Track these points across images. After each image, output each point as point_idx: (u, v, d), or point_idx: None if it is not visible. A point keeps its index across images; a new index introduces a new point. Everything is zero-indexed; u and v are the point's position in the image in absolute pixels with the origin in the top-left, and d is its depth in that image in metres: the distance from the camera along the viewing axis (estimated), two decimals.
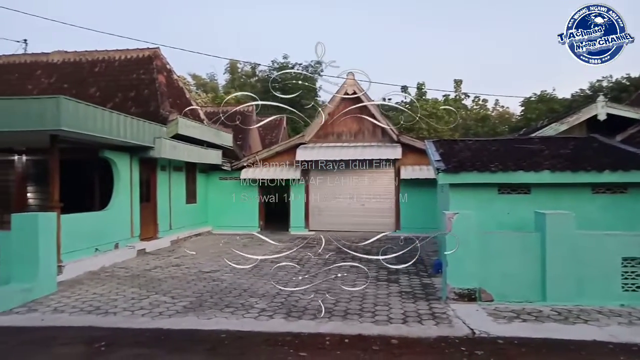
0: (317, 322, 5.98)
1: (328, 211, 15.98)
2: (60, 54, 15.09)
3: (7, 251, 7.60)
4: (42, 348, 5.24)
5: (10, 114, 7.91)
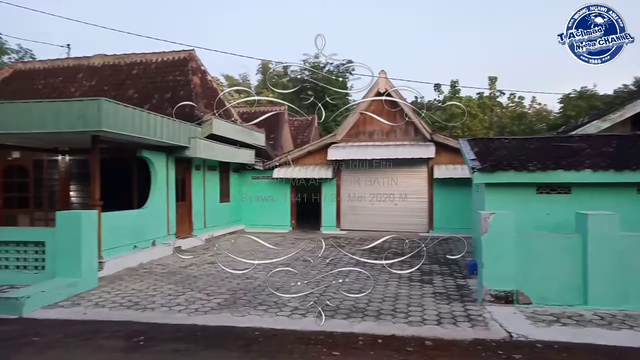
0: (349, 322, 5.98)
1: (360, 211, 15.93)
2: (101, 57, 15.64)
3: (52, 247, 7.95)
4: (86, 341, 5.45)
5: (56, 116, 8.26)
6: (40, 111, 8.33)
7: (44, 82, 15.36)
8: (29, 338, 5.53)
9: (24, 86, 15.27)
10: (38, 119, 8.30)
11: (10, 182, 13.22)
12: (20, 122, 8.38)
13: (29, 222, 12.88)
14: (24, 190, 13.16)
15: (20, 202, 13.18)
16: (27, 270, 8.25)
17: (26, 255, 8.28)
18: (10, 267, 8.30)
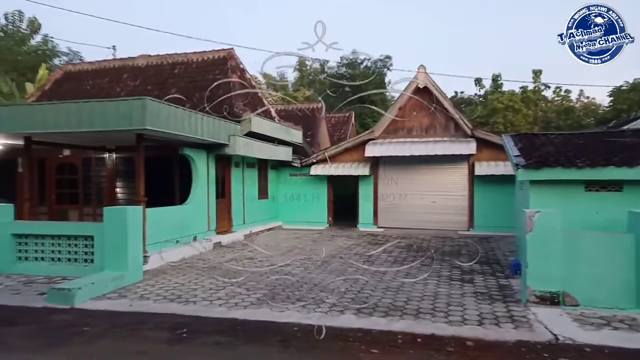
0: (388, 320, 5.93)
1: (397, 208, 15.75)
2: (145, 57, 16.16)
3: (101, 241, 8.31)
4: (132, 332, 5.66)
5: (104, 115, 8.61)
6: (89, 111, 8.71)
7: (92, 82, 16.03)
8: (80, 327, 5.80)
9: (73, 87, 16.00)
10: (87, 119, 8.68)
11: (61, 178, 13.90)
12: (71, 122, 8.79)
13: (79, 217, 13.51)
14: (74, 187, 13.81)
15: (70, 198, 13.84)
16: (77, 263, 8.67)
17: (76, 249, 8.70)
18: (62, 259, 8.74)
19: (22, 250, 8.90)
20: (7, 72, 23.40)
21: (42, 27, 29.66)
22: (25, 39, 29.33)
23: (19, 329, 5.76)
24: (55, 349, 5.09)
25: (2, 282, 8.15)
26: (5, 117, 9.40)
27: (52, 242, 8.79)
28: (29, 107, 9.74)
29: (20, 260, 8.87)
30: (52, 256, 8.79)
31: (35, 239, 8.87)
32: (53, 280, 8.12)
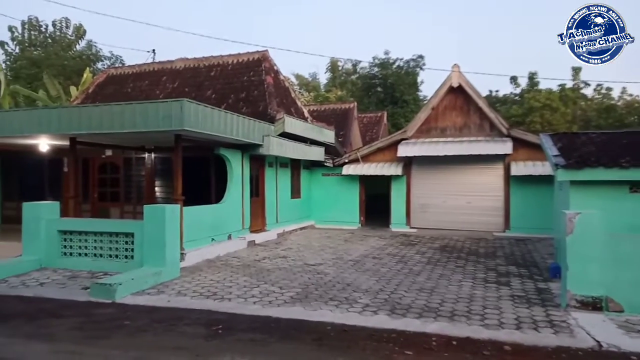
0: (422, 321, 5.88)
1: (431, 208, 15.55)
2: (182, 60, 16.59)
3: (140, 238, 8.60)
4: (170, 327, 5.84)
5: (144, 117, 8.91)
6: (131, 113, 9.03)
7: (132, 85, 16.59)
8: (121, 321, 6.03)
9: (115, 90, 16.61)
10: (129, 120, 9.01)
11: (104, 177, 14.47)
12: (114, 123, 9.15)
13: (119, 214, 14.02)
14: (115, 186, 14.35)
15: (112, 196, 14.39)
16: (118, 258, 9.00)
17: (117, 245, 9.03)
18: (104, 255, 9.10)
19: (67, 246, 9.32)
20: (55, 76, 24.54)
21: (86, 33, 30.95)
22: (71, 44, 30.67)
23: (65, 321, 6.04)
24: (99, 342, 5.32)
25: (49, 276, 8.56)
26: (53, 119, 9.88)
27: (95, 239, 9.16)
28: (75, 109, 10.18)
29: (65, 256, 9.29)
30: (94, 252, 9.16)
31: (79, 235, 9.27)
32: (95, 275, 8.47)
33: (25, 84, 25.41)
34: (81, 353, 4.93)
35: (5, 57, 29.79)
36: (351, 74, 41.75)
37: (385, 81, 35.19)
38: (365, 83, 37.39)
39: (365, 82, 37.43)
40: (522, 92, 33.97)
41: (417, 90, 36.43)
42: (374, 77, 36.59)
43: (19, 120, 10.34)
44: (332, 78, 42.59)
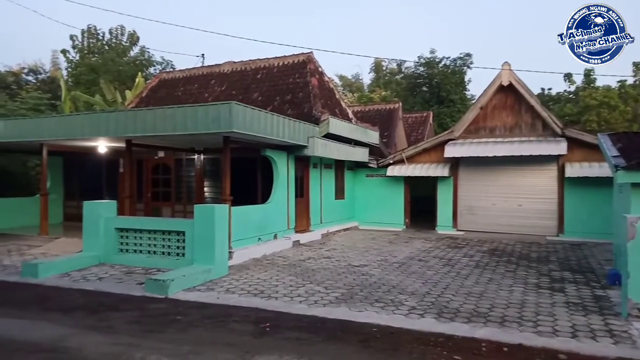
0: (471, 326, 5.74)
1: (479, 211, 15.14)
2: (230, 64, 17.04)
3: (191, 237, 8.91)
4: (220, 323, 6.02)
5: (195, 119, 9.24)
6: (182, 115, 9.39)
7: (183, 89, 17.21)
8: (174, 316, 6.28)
9: (167, 93, 17.30)
10: (181, 122, 9.36)
11: (156, 178, 15.09)
12: (166, 125, 9.54)
13: (171, 213, 14.58)
14: (167, 186, 14.93)
15: (164, 196, 14.98)
16: (170, 256, 9.37)
17: (170, 243, 9.40)
18: (157, 252, 9.50)
19: (124, 243, 9.79)
20: (111, 81, 25.85)
21: (139, 39, 32.41)
22: (126, 50, 32.21)
23: (123, 315, 6.36)
24: (155, 335, 5.56)
25: (107, 271, 9.04)
26: (111, 122, 10.43)
27: (149, 237, 9.57)
28: (131, 113, 10.71)
29: (122, 252, 9.77)
30: (148, 249, 9.58)
31: (135, 233, 9.72)
32: (149, 271, 8.85)
33: (84, 89, 26.91)
34: (138, 345, 5.18)
35: (67, 64, 31.69)
36: (396, 73, 41.32)
37: (431, 80, 34.56)
38: (410, 83, 36.88)
39: (410, 82, 36.91)
40: (577, 89, 32.35)
41: (465, 89, 35.55)
42: (420, 76, 36.01)
43: (80, 124, 11.01)
44: (376, 78, 42.32)
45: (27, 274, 8.41)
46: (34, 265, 8.49)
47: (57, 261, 9.05)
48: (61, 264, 8.95)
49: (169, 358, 4.81)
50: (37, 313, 6.45)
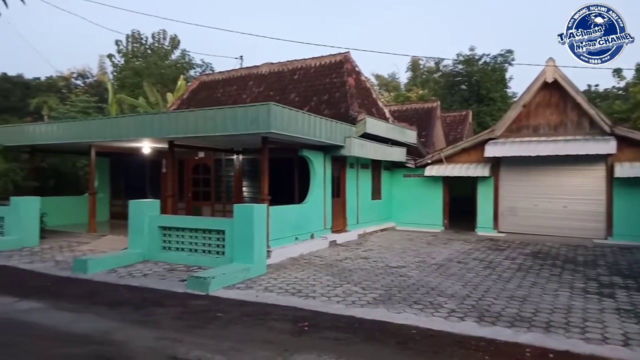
0: (514, 331, 5.58)
1: (521, 212, 14.68)
2: (267, 65, 17.26)
3: (230, 235, 9.09)
4: (259, 321, 6.11)
5: (234, 120, 9.43)
6: (222, 116, 9.60)
7: (222, 90, 17.58)
8: (214, 313, 6.42)
9: (207, 95, 17.72)
10: (221, 123, 9.58)
11: (197, 178, 15.49)
12: (207, 127, 9.78)
13: (210, 212, 14.93)
14: (207, 185, 15.30)
15: (204, 195, 15.36)
16: (211, 254, 9.59)
17: (210, 241, 9.62)
18: (198, 250, 9.75)
19: (166, 240, 10.11)
20: (153, 84, 26.74)
21: (180, 42, 33.36)
22: (167, 54, 33.25)
23: (166, 310, 6.57)
24: (197, 331, 5.72)
25: (151, 268, 9.36)
26: (155, 124, 10.79)
27: (190, 235, 9.83)
28: (173, 115, 11.04)
29: (164, 250, 10.08)
30: (190, 247, 9.84)
31: (177, 231, 10.01)
32: (191, 269, 9.10)
33: (129, 92, 27.96)
34: (181, 340, 5.33)
35: (113, 68, 33.02)
36: (433, 72, 40.63)
37: (470, 78, 33.77)
38: (448, 81, 36.16)
39: (448, 80, 36.19)
40: (627, 85, 30.76)
41: (505, 87, 34.52)
42: (458, 74, 35.25)
43: (126, 125, 11.46)
44: (413, 77, 41.76)
45: (78, 269, 8.83)
46: (84, 261, 8.90)
47: (104, 258, 9.46)
48: (108, 261, 9.34)
49: (210, 354, 4.93)
50: (87, 307, 6.76)
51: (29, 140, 13.51)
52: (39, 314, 6.43)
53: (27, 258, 10.31)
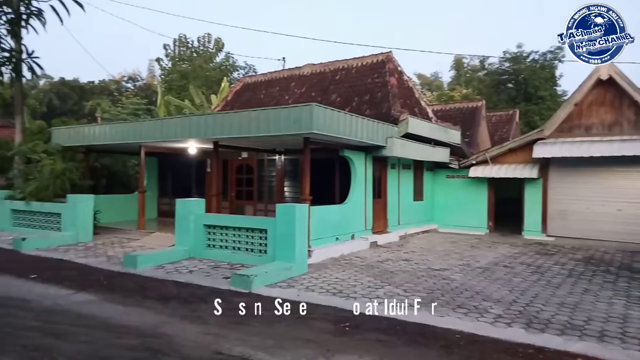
0: (564, 339, 5.36)
1: (571, 215, 14.05)
2: (309, 66, 17.39)
3: (273, 234, 9.23)
4: (301, 320, 6.17)
5: (277, 121, 9.57)
6: (266, 117, 9.77)
7: (265, 92, 17.87)
8: (256, 311, 6.53)
9: (250, 97, 18.07)
10: (264, 124, 9.75)
11: (240, 177, 15.82)
12: (251, 127, 9.98)
13: (252, 212, 15.20)
14: (250, 185, 15.59)
15: (246, 195, 15.66)
16: (253, 252, 9.76)
17: (253, 240, 9.80)
18: (241, 248, 9.95)
19: (211, 238, 10.38)
20: (199, 86, 27.55)
21: (224, 45, 34.18)
22: (212, 56, 34.16)
23: (211, 306, 6.73)
24: (240, 327, 5.84)
25: (196, 265, 9.64)
26: (201, 125, 11.11)
27: (234, 233, 10.05)
28: (218, 116, 11.34)
29: (209, 248, 10.36)
30: (233, 245, 10.06)
31: (221, 229, 10.25)
32: (234, 267, 9.30)
33: (175, 94, 28.94)
34: (225, 337, 5.47)
35: (161, 72, 34.26)
36: (478, 70, 39.60)
37: (517, 76, 32.69)
38: (494, 79, 35.14)
39: (494, 79, 35.18)
40: None
41: (555, 85, 33.18)
42: (505, 72, 34.20)
43: (174, 127, 11.87)
44: (457, 76, 40.86)
45: (129, 264, 9.23)
46: (134, 257, 9.29)
47: (153, 254, 9.83)
48: (157, 257, 9.70)
49: (254, 350, 5.02)
50: (138, 301, 7.05)
51: (84, 141, 14.26)
52: (94, 306, 6.77)
53: (82, 253, 10.87)
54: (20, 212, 13.82)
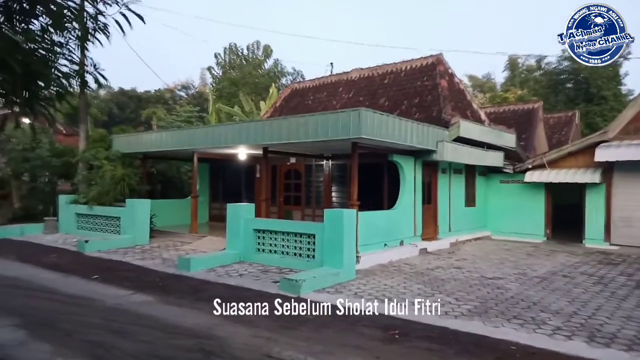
0: (632, 355, 5.01)
1: (637, 223, 13.11)
2: (357, 71, 17.37)
3: (321, 240, 9.26)
4: (349, 326, 6.14)
5: (325, 126, 9.62)
6: (314, 123, 9.84)
7: (313, 97, 18.03)
8: (305, 316, 6.57)
9: (298, 102, 18.28)
10: (312, 130, 9.82)
11: (288, 183, 16.02)
12: (299, 133, 10.09)
13: (300, 217, 15.32)
14: (297, 190, 15.74)
15: (294, 200, 15.83)
16: (302, 257, 9.83)
17: (301, 245, 9.88)
18: (290, 253, 10.05)
19: (260, 243, 10.56)
20: (248, 93, 28.24)
21: (273, 52, 34.86)
22: (261, 63, 34.91)
23: (261, 310, 6.83)
24: (289, 332, 5.89)
25: (246, 268, 9.83)
26: (250, 131, 11.37)
27: (283, 238, 10.17)
28: (267, 122, 11.56)
29: (259, 252, 10.54)
30: (282, 250, 10.18)
31: (270, 234, 10.41)
32: (283, 271, 9.39)
33: (226, 101, 29.82)
34: (275, 340, 5.54)
35: (212, 80, 35.44)
36: (534, 70, 37.98)
37: (577, 76, 31.08)
38: (551, 80, 33.59)
39: (551, 79, 33.62)
40: None
41: (619, 84, 31.24)
42: (563, 72, 32.60)
43: (225, 133, 12.22)
44: (511, 77, 39.39)
45: (182, 267, 9.57)
46: (187, 260, 9.62)
47: (205, 257, 10.13)
48: (209, 260, 10.00)
49: (303, 355, 5.05)
50: (191, 302, 7.28)
51: (142, 147, 14.97)
52: (151, 306, 7.07)
53: (139, 255, 11.39)
54: (83, 216, 14.70)
